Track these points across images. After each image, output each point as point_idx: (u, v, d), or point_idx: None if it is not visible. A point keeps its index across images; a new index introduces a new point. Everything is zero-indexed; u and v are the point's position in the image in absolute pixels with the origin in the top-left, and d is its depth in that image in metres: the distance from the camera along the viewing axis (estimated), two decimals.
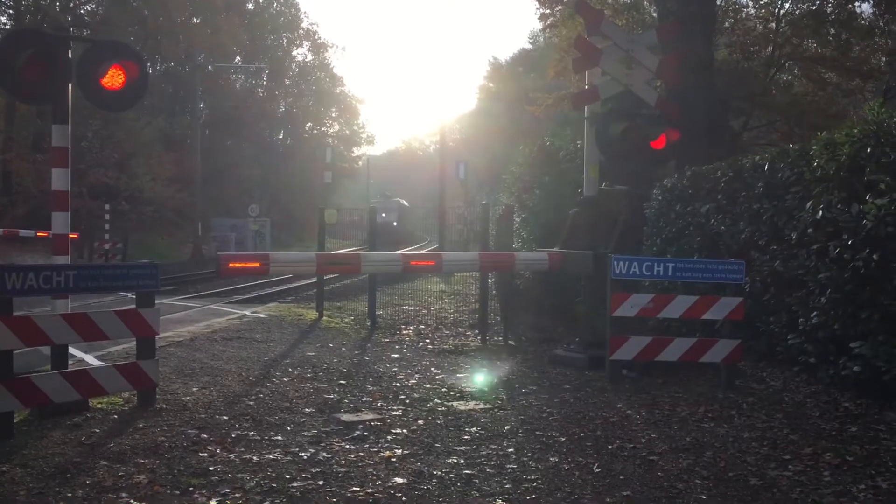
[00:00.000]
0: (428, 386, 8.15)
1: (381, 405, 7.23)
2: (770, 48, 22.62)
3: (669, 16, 14.15)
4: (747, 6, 24.89)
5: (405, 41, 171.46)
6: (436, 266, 10.81)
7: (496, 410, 7.10)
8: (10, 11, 38.33)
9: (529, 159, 15.45)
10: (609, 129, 9.64)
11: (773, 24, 22.87)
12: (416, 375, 8.70)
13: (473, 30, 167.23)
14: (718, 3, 20.03)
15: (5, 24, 37.79)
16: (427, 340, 11.48)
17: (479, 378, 8.40)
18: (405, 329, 12.53)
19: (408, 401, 7.42)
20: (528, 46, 65.37)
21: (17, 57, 7.40)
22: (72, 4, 40.48)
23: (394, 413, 6.92)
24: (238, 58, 55.50)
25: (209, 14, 48.19)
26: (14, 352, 5.98)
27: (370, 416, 6.79)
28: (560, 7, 25.76)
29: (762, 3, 23.95)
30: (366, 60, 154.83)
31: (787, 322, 8.25)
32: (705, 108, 13.85)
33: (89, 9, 43.35)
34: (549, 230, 12.39)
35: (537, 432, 6.33)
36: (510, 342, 11.22)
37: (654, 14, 19.97)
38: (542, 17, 27.43)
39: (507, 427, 6.49)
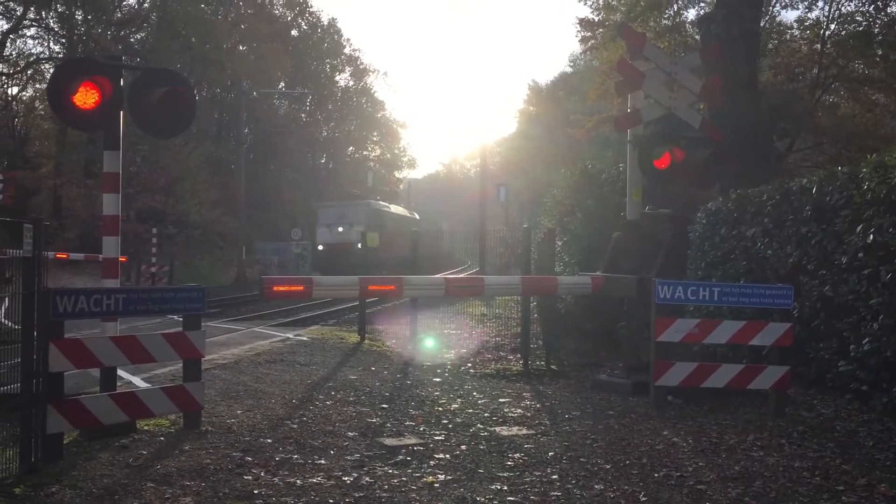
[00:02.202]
0: (470, 410, 8.11)
1: (424, 429, 7.21)
2: (815, 69, 22.37)
3: (712, 38, 14.07)
4: (792, 28, 24.70)
5: (446, 65, 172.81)
6: (478, 290, 10.81)
7: (539, 436, 7.04)
8: (63, 41, 39.49)
9: (571, 182, 15.41)
10: (652, 153, 9.58)
11: (819, 46, 22.63)
12: (459, 400, 8.67)
13: (513, 53, 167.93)
14: (762, 24, 19.86)
15: (58, 53, 38.95)
16: (469, 364, 11.44)
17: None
18: (447, 353, 12.51)
19: (450, 425, 7.39)
20: (569, 70, 65.55)
21: (70, 85, 7.61)
22: (122, 33, 41.59)
23: (436, 438, 6.89)
24: (282, 83, 56.43)
25: (254, 41, 49.10)
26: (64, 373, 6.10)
27: (413, 440, 6.77)
28: (601, 30, 25.82)
29: (807, 24, 23.74)
30: (407, 85, 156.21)
31: (837, 348, 8.07)
32: (750, 130, 13.71)
33: (139, 37, 44.46)
34: (592, 254, 12.32)
35: (581, 459, 6.26)
36: (552, 367, 11.14)
37: (697, 36, 19.88)
38: (583, 41, 27.52)
39: (550, 453, 6.43)
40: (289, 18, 60.04)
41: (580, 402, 8.64)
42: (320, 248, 38.10)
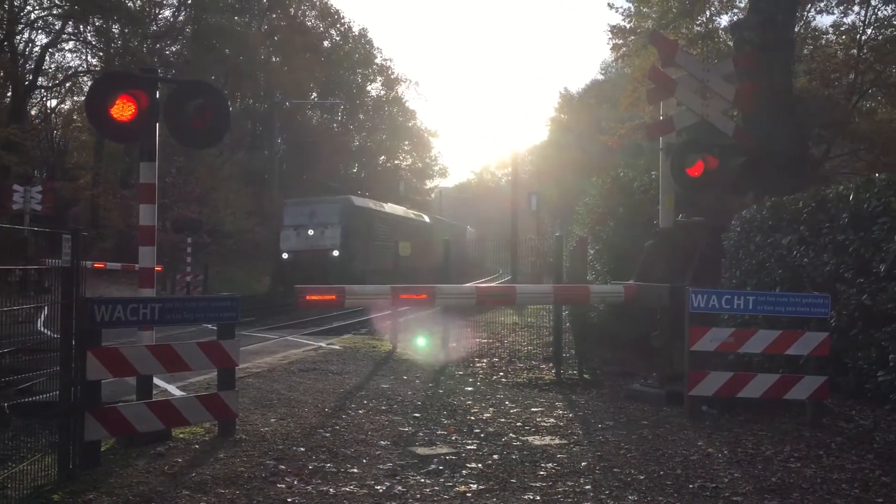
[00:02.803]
0: (503, 420, 8.09)
1: (456, 439, 7.20)
2: (852, 75, 22.06)
3: (746, 44, 13.95)
4: (827, 33, 24.40)
5: (477, 74, 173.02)
6: (509, 299, 10.79)
7: (572, 446, 7.00)
8: (101, 54, 40.21)
9: (603, 191, 15.34)
10: (685, 160, 9.51)
11: (855, 51, 22.33)
12: (491, 409, 8.65)
13: (545, 61, 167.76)
14: (797, 30, 19.65)
15: (96, 67, 39.65)
16: (501, 373, 11.42)
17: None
18: (478, 362, 12.49)
19: (482, 435, 7.38)
20: (600, 77, 65.38)
21: (107, 97, 7.74)
22: (158, 46, 42.23)
23: (469, 447, 6.88)
24: (314, 94, 56.90)
25: (287, 53, 49.60)
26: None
27: (445, 449, 6.77)
28: (633, 37, 25.70)
29: (843, 29, 23.43)
30: (438, 94, 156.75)
31: (876, 358, 7.93)
32: (784, 137, 13.56)
33: (174, 50, 45.13)
34: (624, 262, 12.24)
35: (615, 469, 6.21)
36: (585, 376, 11.07)
37: (730, 43, 19.71)
38: (615, 48, 27.41)
39: (583, 463, 6.39)
40: (321, 29, 60.58)
41: (613, 412, 8.58)
42: (285, 256, 30.66)
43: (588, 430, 7.66)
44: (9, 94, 37.69)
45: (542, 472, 6.10)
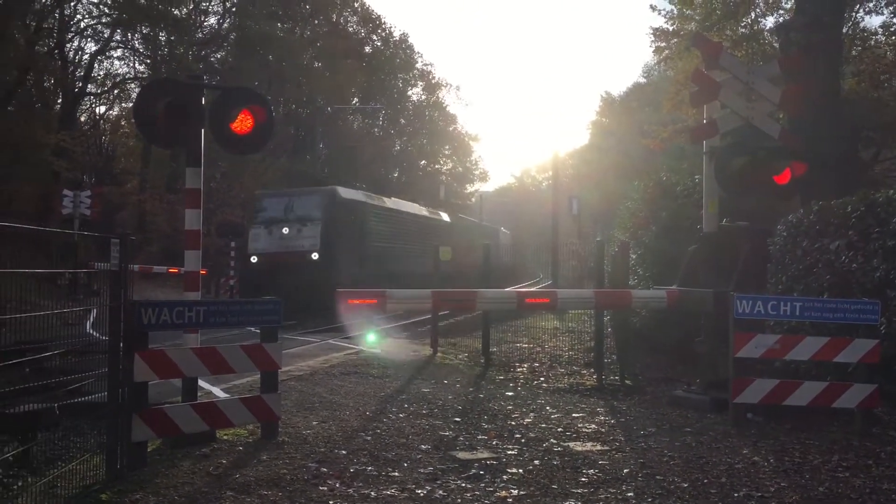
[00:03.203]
0: (543, 425, 8.05)
1: (497, 444, 7.19)
2: None
3: (792, 46, 13.72)
4: (876, 33, 23.89)
5: (518, 78, 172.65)
6: (550, 303, 10.75)
7: (614, 452, 6.94)
8: (148, 61, 40.97)
9: (645, 195, 15.20)
10: (729, 164, 9.38)
11: None
12: (532, 414, 8.62)
13: (586, 65, 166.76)
14: (844, 31, 19.28)
15: (143, 74, 40.42)
16: (541, 378, 11.37)
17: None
18: (519, 366, 12.46)
19: (523, 440, 7.35)
20: (642, 80, 64.85)
21: (154, 105, 7.89)
22: (203, 53, 42.91)
23: (509, 452, 6.87)
24: (356, 99, 57.33)
25: (329, 58, 50.03)
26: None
27: (486, 454, 6.76)
28: (676, 40, 25.44)
29: (893, 29, 22.94)
30: (479, 98, 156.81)
31: None
32: (832, 139, 13.30)
33: (219, 57, 45.80)
34: (667, 267, 12.10)
35: (657, 477, 6.14)
36: (627, 381, 10.97)
37: (776, 44, 19.41)
38: (657, 51, 27.16)
39: (625, 470, 6.33)
40: (362, 35, 60.99)
41: (656, 419, 8.48)
42: (253, 260, 24.75)
43: (630, 437, 7.59)
44: (59, 100, 38.60)
45: (583, 479, 6.05)
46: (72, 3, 36.43)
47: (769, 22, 25.04)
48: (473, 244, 36.13)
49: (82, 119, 41.96)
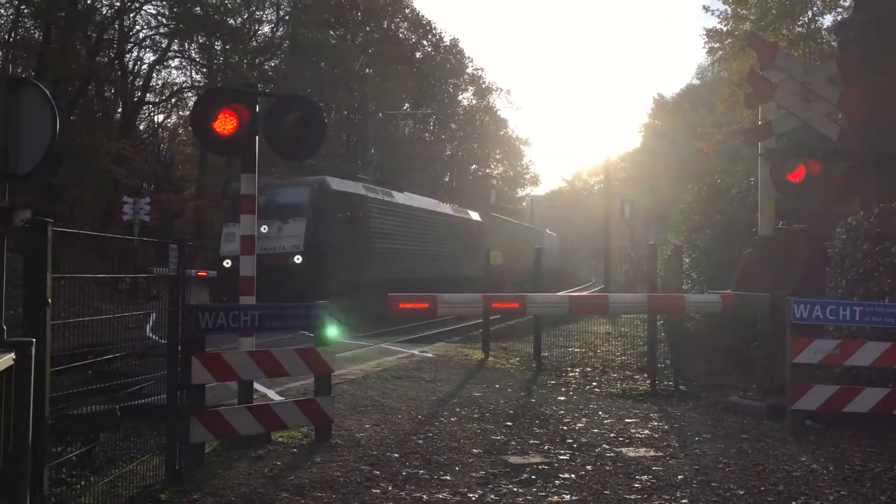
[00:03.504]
0: (596, 430, 8.00)
1: (549, 448, 7.17)
2: None
3: (850, 44, 13.40)
4: None
5: (569, 82, 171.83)
6: (602, 308, 10.68)
7: (668, 458, 6.86)
8: (204, 70, 41.82)
9: (699, 198, 15.00)
10: (786, 166, 9.22)
11: None
12: (584, 419, 8.57)
13: (638, 67, 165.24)
14: None
15: (199, 82, 41.27)
16: (594, 383, 11.29)
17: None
18: (571, 371, 12.39)
19: (575, 445, 7.32)
20: (695, 82, 64.02)
21: (210, 112, 8.07)
22: (257, 61, 43.62)
23: (561, 457, 6.84)
24: (407, 104, 57.65)
25: (380, 64, 50.43)
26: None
27: (537, 459, 6.75)
28: (730, 40, 25.08)
29: None
30: (530, 102, 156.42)
31: None
32: (893, 140, 12.94)
33: (272, 64, 46.52)
34: (721, 271, 11.93)
35: (713, 484, 6.06)
36: (681, 387, 10.83)
37: (834, 43, 18.99)
38: (711, 52, 26.83)
39: (679, 476, 6.25)
40: (413, 41, 61.35)
41: (711, 425, 8.36)
42: (226, 264, 20.81)
43: (684, 443, 7.50)
44: (119, 110, 39.63)
45: (636, 485, 6.00)
46: (131, 15, 37.39)
47: (827, 21, 24.53)
48: (512, 246, 34.37)
49: (141, 128, 43.03)
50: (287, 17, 46.89)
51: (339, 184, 23.13)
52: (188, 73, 43.69)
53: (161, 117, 45.20)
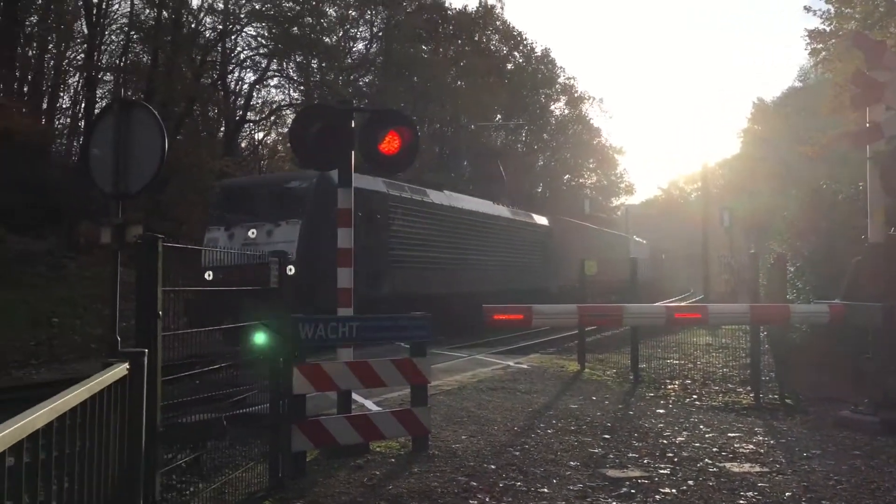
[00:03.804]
0: (697, 444, 7.80)
1: (648, 462, 7.03)
2: None
3: None
4: None
5: (664, 88, 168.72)
6: (702, 318, 10.41)
7: (774, 475, 6.62)
8: (301, 88, 43.01)
9: (803, 204, 14.49)
10: None
11: None
12: (684, 433, 8.36)
13: (735, 71, 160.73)
14: None
15: (297, 100, 42.45)
16: (694, 396, 11.00)
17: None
18: (670, 384, 12.11)
19: (676, 459, 7.15)
20: (798, 84, 61.81)
21: (308, 129, 8.30)
22: (352, 77, 44.58)
23: (661, 471, 6.69)
24: (498, 116, 57.76)
25: (472, 77, 50.76)
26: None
27: (637, 472, 6.63)
28: (833, 41, 24.15)
29: None
30: (624, 109, 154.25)
31: None
32: None
33: (367, 80, 47.45)
34: (828, 280, 11.46)
35: (823, 501, 5.82)
36: (787, 401, 10.44)
37: None
38: (814, 53, 25.89)
39: (787, 494, 6.03)
40: (504, 52, 61.49)
41: (820, 440, 8.03)
42: (207, 275, 16.63)
43: (792, 459, 7.22)
44: (222, 129, 41.12)
45: (741, 501, 5.82)
46: (233, 37, 38.78)
47: None
48: (590, 255, 29.85)
49: (243, 145, 44.48)
50: (380, 34, 47.79)
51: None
52: (286, 92, 44.99)
53: (261, 135, 46.67)
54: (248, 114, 42.59)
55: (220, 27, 37.52)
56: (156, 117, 7.13)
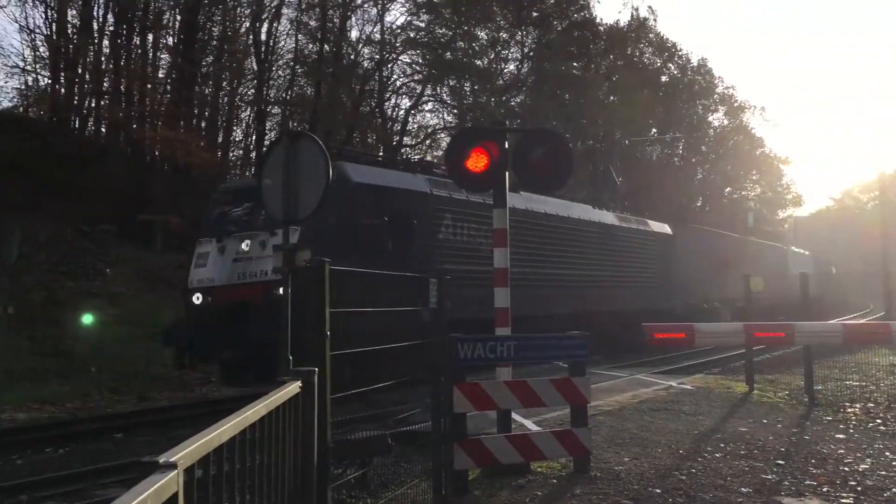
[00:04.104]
0: (883, 473, 7.24)
1: (828, 490, 6.60)
2: None
3: None
4: None
5: (830, 92, 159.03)
6: (884, 337, 9.71)
7: None
8: (455, 111, 43.88)
9: None
10: None
11: None
12: (868, 460, 7.79)
13: None
14: None
15: (451, 123, 43.33)
16: (878, 421, 10.23)
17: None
18: (850, 407, 11.32)
19: (859, 488, 6.67)
20: None
21: (463, 151, 8.45)
22: (504, 98, 44.99)
23: (843, 500, 6.27)
24: (653, 130, 56.47)
25: (625, 91, 49.94)
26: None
27: (815, 501, 6.25)
28: None
29: None
30: (787, 117, 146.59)
31: None
32: None
33: (519, 100, 47.73)
34: None
35: None
36: None
37: None
38: None
39: None
40: (658, 64, 60.11)
41: None
42: (195, 299, 14.13)
43: None
44: (380, 154, 42.59)
45: None
46: (389, 66, 40.15)
47: None
48: (731, 267, 26.78)
49: None
50: (531, 54, 47.97)
51: (357, 171, 14.78)
52: (440, 116, 46.00)
53: (417, 158, 47.90)
54: (405, 139, 43.86)
55: (378, 57, 38.96)
56: (321, 146, 7.48)
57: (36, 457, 9.94)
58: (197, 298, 13.91)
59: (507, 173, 8.41)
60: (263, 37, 35.47)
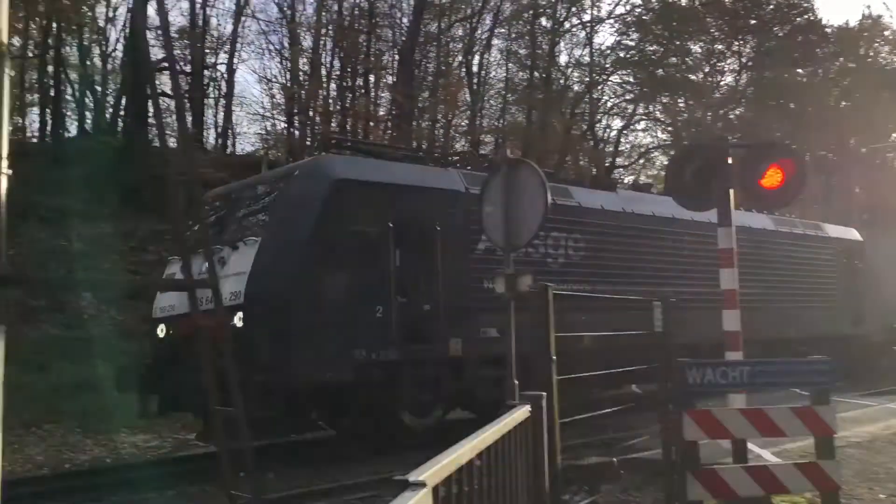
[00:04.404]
0: None
1: None
2: None
3: None
4: None
5: None
6: None
7: None
8: (670, 129, 42.71)
9: None
10: None
11: None
12: None
13: None
14: None
15: (665, 141, 42.19)
16: None
17: None
18: None
19: None
20: None
21: (684, 170, 8.22)
22: (721, 112, 43.16)
23: None
24: (894, 134, 51.68)
25: (860, 95, 46.19)
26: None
27: None
28: None
29: None
30: None
31: None
32: None
33: (737, 113, 45.59)
34: None
35: None
36: None
37: None
38: None
39: None
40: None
41: None
42: (159, 331, 11.37)
43: None
44: (594, 174, 42.31)
45: None
46: (599, 88, 39.89)
47: None
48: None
49: None
50: (749, 63, 45.67)
51: (363, 168, 11.93)
52: (653, 134, 44.94)
53: (630, 178, 47.02)
54: (618, 159, 43.24)
55: (587, 79, 38.84)
56: (538, 172, 7.58)
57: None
58: (161, 331, 11.47)
59: (730, 190, 8.08)
60: (475, 68, 36.62)
